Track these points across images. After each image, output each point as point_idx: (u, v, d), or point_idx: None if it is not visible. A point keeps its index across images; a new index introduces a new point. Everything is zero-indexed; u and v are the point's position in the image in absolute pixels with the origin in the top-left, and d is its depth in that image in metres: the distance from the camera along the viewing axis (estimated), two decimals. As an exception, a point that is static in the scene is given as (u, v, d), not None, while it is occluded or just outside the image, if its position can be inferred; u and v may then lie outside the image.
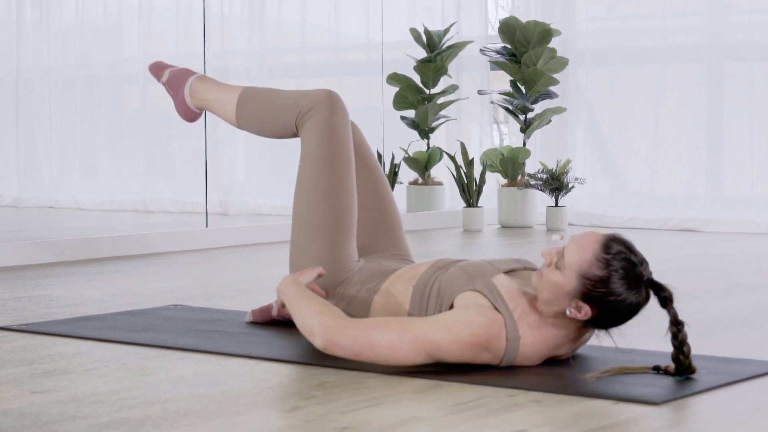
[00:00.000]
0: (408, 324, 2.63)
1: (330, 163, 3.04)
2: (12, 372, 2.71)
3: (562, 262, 2.59)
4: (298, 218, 3.05)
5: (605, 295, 2.55)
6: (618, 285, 2.54)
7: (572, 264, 2.57)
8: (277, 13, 7.17)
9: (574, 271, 2.56)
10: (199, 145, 6.19)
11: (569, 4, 7.24)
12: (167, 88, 3.40)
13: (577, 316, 2.59)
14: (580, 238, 2.60)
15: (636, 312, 2.59)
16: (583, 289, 2.56)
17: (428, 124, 7.06)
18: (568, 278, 2.57)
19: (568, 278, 2.57)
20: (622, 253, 2.56)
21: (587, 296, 2.57)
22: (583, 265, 2.56)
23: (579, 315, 2.59)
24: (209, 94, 3.30)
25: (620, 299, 2.55)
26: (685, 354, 2.56)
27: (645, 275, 2.56)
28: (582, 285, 2.56)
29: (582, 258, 2.56)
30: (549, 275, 2.60)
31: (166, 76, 3.40)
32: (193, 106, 3.36)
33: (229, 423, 2.25)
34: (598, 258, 2.55)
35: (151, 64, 3.46)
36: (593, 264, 2.55)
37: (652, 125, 6.97)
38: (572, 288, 2.57)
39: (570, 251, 2.58)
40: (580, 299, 2.57)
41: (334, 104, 3.10)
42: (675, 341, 2.56)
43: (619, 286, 2.54)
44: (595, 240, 2.58)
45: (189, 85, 3.34)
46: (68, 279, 4.50)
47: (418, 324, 2.64)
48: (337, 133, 3.07)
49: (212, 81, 3.33)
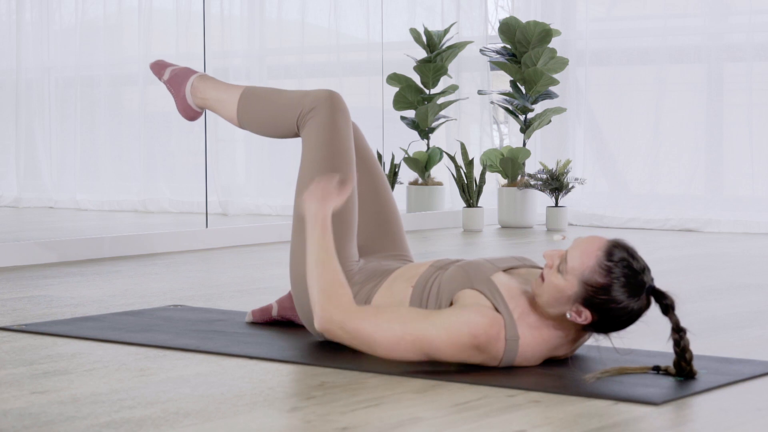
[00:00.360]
0: (409, 324, 2.63)
1: (331, 163, 3.03)
2: (12, 372, 2.71)
3: (564, 266, 2.58)
4: (295, 220, 3.05)
5: (606, 302, 2.55)
6: (619, 293, 2.54)
7: (574, 269, 2.56)
8: (277, 14, 7.17)
9: (576, 277, 2.56)
10: (199, 146, 6.19)
11: (569, 4, 7.24)
12: (168, 87, 3.40)
13: (577, 320, 2.59)
14: (583, 242, 2.59)
15: (636, 319, 2.59)
16: (584, 294, 2.56)
17: (428, 124, 7.06)
18: (569, 283, 2.57)
19: (570, 283, 2.57)
20: (624, 260, 2.55)
21: (588, 301, 2.56)
22: (585, 271, 2.55)
23: (579, 319, 2.59)
24: (210, 93, 3.29)
25: (621, 306, 2.55)
26: (687, 360, 2.57)
27: (647, 283, 2.56)
28: (583, 290, 2.56)
29: (584, 264, 2.55)
30: (551, 278, 2.60)
31: (167, 74, 3.39)
32: (194, 104, 3.35)
33: (228, 423, 2.25)
34: (601, 265, 2.55)
35: (153, 62, 3.46)
36: (595, 271, 2.55)
37: (652, 125, 6.97)
38: (573, 293, 2.57)
39: (573, 256, 2.58)
40: (581, 304, 2.57)
41: (335, 104, 3.09)
42: (677, 348, 2.56)
43: (621, 293, 2.54)
44: (598, 246, 2.57)
45: (190, 83, 3.34)
46: (68, 279, 4.50)
47: (419, 323, 2.64)
48: (339, 133, 3.06)
49: (214, 80, 3.33)
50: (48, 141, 6.17)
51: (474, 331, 2.60)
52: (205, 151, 6.13)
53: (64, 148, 6.25)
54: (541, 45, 6.78)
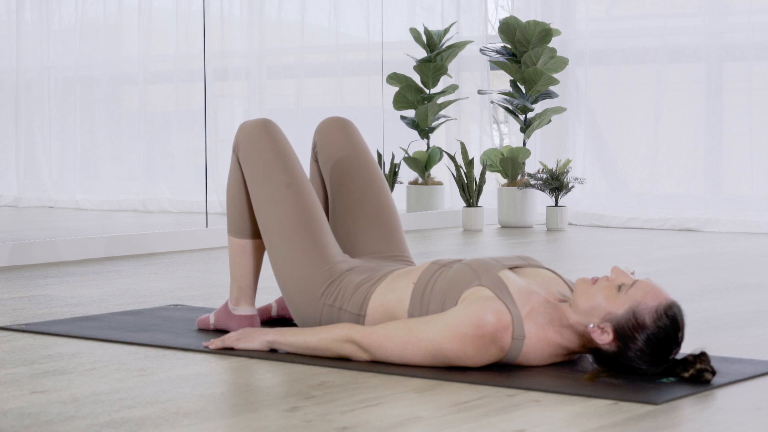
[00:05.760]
0: (414, 327, 2.67)
1: (268, 173, 3.04)
2: (12, 372, 2.71)
3: (626, 288, 2.58)
4: (266, 234, 3.05)
5: (633, 339, 2.54)
6: (648, 343, 2.54)
7: (634, 297, 2.56)
8: (277, 13, 7.18)
9: (630, 303, 2.56)
10: (199, 145, 6.19)
11: (569, 4, 7.24)
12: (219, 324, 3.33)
13: (595, 335, 2.57)
14: (657, 286, 2.59)
15: (635, 372, 2.59)
16: (622, 320, 2.55)
17: (428, 123, 7.06)
18: (620, 303, 2.57)
19: (620, 303, 2.57)
20: (675, 323, 2.55)
21: (620, 328, 2.56)
22: (641, 304, 2.55)
23: (598, 335, 2.57)
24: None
25: (638, 353, 2.54)
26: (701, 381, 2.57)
27: (671, 355, 2.56)
28: (624, 318, 2.55)
29: (646, 299, 2.56)
30: (605, 289, 2.59)
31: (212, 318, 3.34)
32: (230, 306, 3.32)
33: (229, 423, 2.25)
34: (657, 310, 2.55)
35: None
36: (650, 311, 2.55)
37: (651, 125, 6.97)
38: (615, 313, 2.57)
39: (641, 287, 2.58)
40: (612, 325, 2.57)
41: (247, 132, 3.11)
42: (695, 377, 2.57)
43: (648, 345, 2.54)
44: (666, 297, 2.57)
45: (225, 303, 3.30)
46: (68, 279, 4.50)
47: (423, 324, 2.66)
48: (257, 144, 3.08)
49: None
50: (48, 141, 6.17)
51: (478, 322, 2.60)
52: (205, 150, 6.13)
53: (64, 147, 6.25)
54: (541, 45, 6.79)
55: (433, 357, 2.65)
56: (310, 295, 2.95)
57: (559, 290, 2.74)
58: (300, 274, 2.97)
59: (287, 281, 2.99)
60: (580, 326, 2.61)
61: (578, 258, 5.48)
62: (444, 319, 2.65)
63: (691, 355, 2.57)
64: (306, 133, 3.58)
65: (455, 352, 2.63)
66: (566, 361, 2.73)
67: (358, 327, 2.77)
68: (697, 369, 2.54)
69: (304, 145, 3.46)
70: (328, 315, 2.92)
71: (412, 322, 2.70)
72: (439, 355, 2.64)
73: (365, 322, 2.86)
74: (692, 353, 2.58)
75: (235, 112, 7.10)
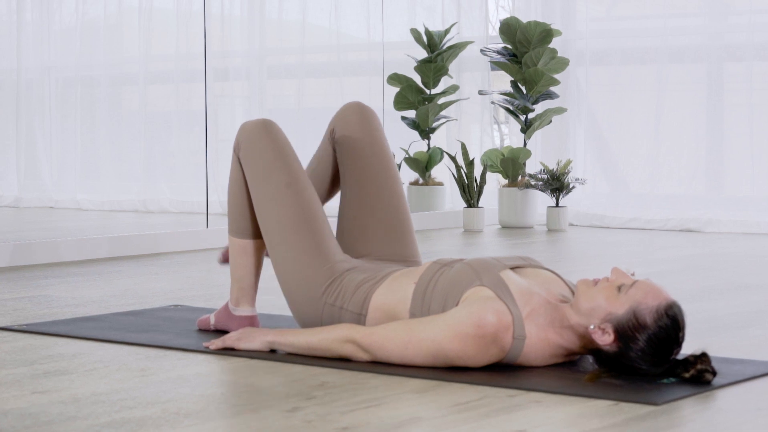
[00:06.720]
0: (415, 327, 2.67)
1: (268, 173, 3.04)
2: (12, 372, 2.71)
3: (626, 288, 2.58)
4: (267, 234, 3.05)
5: (633, 340, 2.54)
6: (649, 343, 2.54)
7: (635, 297, 2.56)
8: (278, 14, 7.18)
9: (630, 303, 2.56)
10: (199, 145, 6.19)
11: (569, 4, 7.24)
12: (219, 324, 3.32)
13: (595, 336, 2.57)
14: (656, 286, 2.59)
15: (635, 372, 2.58)
16: (623, 320, 2.55)
17: (429, 124, 7.06)
18: (620, 303, 2.56)
19: (621, 304, 2.56)
20: (676, 322, 2.55)
21: (621, 328, 2.56)
22: (642, 305, 2.55)
23: (599, 336, 2.57)
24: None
25: (639, 354, 2.54)
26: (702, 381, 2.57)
27: (672, 355, 2.56)
28: (625, 318, 2.55)
29: (646, 300, 2.55)
30: (605, 290, 2.59)
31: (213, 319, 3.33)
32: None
33: (229, 423, 2.25)
34: (658, 310, 2.54)
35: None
36: (650, 311, 2.54)
37: (652, 125, 6.97)
38: (615, 314, 2.56)
39: (641, 287, 2.57)
40: (612, 326, 2.56)
41: (247, 132, 3.11)
42: (696, 378, 2.57)
43: (649, 345, 2.54)
44: (666, 297, 2.57)
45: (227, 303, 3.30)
46: (68, 279, 4.50)
47: (424, 324, 2.66)
48: (258, 145, 3.07)
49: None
50: (48, 141, 6.17)
51: (479, 322, 2.60)
52: (206, 150, 6.13)
53: (65, 147, 6.25)
54: (541, 45, 6.78)
55: (434, 357, 2.66)
56: (310, 294, 2.95)
57: (560, 291, 2.74)
58: (301, 274, 2.97)
59: (288, 281, 3.00)
60: (580, 327, 2.61)
61: (579, 259, 5.48)
62: (445, 319, 2.65)
63: (692, 356, 2.57)
64: (306, 133, 3.58)
65: (456, 353, 2.63)
66: (567, 361, 2.73)
67: (359, 327, 2.77)
68: (697, 369, 2.54)
69: (305, 145, 3.46)
70: (329, 314, 2.93)
71: (412, 322, 2.71)
72: (439, 355, 2.65)
73: (366, 321, 2.87)
74: (693, 354, 2.57)
75: (236, 113, 7.10)
